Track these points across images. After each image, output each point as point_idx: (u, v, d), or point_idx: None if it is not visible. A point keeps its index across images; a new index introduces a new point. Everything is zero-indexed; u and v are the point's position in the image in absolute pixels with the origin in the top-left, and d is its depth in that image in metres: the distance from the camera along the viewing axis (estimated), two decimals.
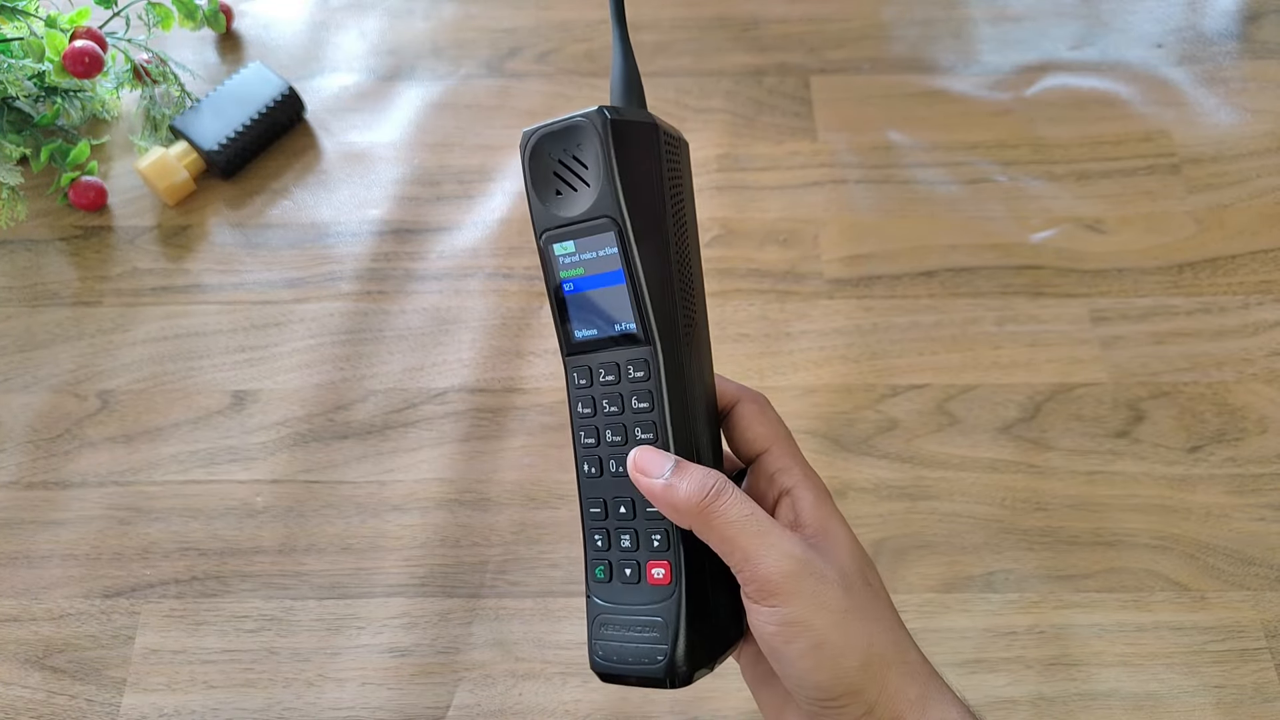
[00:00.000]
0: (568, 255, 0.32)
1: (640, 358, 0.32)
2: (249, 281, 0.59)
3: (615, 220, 0.31)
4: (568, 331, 0.33)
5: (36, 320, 0.57)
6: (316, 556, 0.50)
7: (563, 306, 0.33)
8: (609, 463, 0.33)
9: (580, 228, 0.32)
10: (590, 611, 0.33)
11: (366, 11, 0.69)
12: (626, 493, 0.32)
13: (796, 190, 0.61)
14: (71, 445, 0.53)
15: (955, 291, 0.57)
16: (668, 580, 0.32)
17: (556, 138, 0.32)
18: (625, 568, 0.33)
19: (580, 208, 0.32)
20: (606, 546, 0.33)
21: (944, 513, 0.51)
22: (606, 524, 0.33)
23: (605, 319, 0.32)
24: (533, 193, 0.33)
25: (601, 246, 0.31)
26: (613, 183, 0.31)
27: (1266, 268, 0.58)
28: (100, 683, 0.47)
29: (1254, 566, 0.49)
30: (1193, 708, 0.46)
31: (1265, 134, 0.63)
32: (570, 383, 0.33)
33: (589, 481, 0.33)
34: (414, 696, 0.47)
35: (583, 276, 0.32)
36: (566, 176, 0.32)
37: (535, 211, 0.33)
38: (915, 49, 0.67)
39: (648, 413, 0.32)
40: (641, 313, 0.32)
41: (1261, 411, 0.53)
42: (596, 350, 0.33)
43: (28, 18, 0.58)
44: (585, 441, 0.33)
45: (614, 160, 0.31)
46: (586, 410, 0.33)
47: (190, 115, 0.61)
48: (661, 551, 0.32)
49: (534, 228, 0.33)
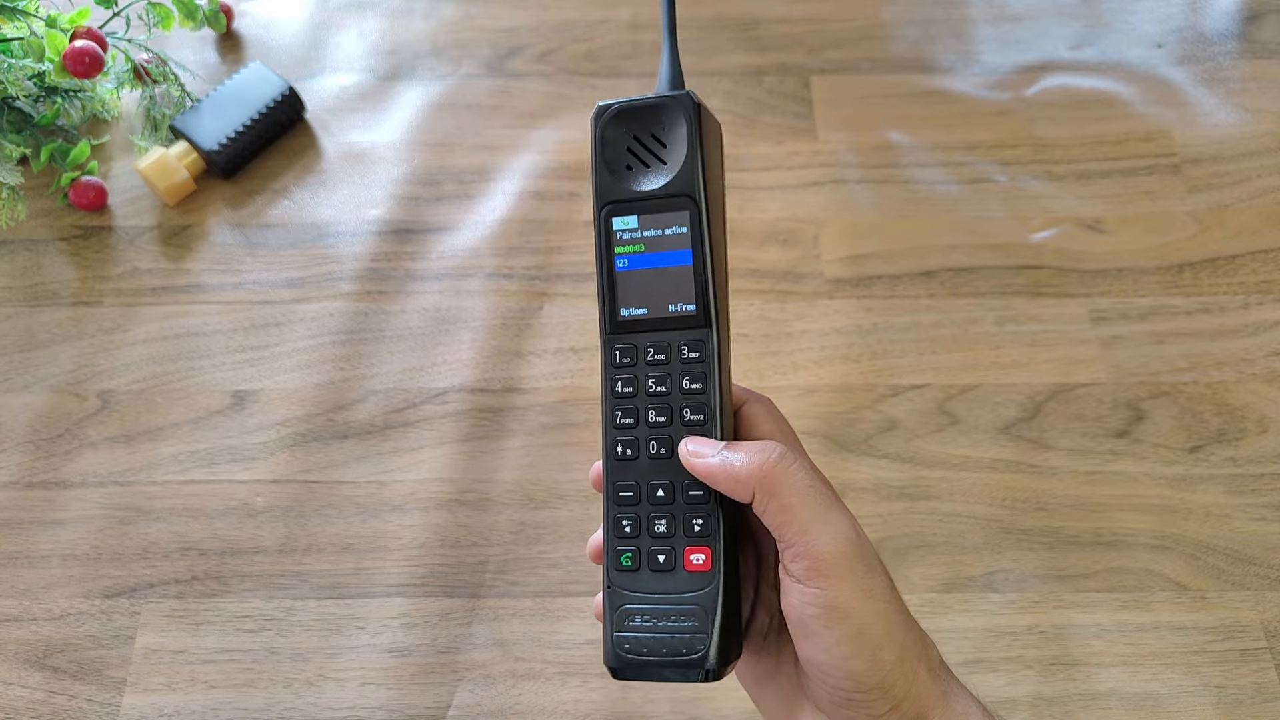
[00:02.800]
0: (628, 231, 0.32)
1: (698, 339, 0.32)
2: (249, 281, 0.59)
3: (694, 199, 0.31)
4: (614, 308, 0.33)
5: (36, 320, 0.57)
6: (316, 556, 0.50)
7: (613, 282, 0.33)
8: (648, 444, 0.32)
9: (651, 204, 0.32)
10: (611, 603, 0.32)
11: (366, 11, 0.70)
12: (666, 476, 0.32)
13: (796, 190, 0.61)
14: (71, 445, 0.53)
15: (955, 291, 0.57)
16: (708, 566, 0.31)
17: (637, 114, 0.32)
18: (659, 554, 0.32)
19: (654, 184, 0.32)
20: (636, 532, 0.32)
21: (944, 513, 0.51)
22: (638, 509, 0.32)
23: (660, 298, 0.32)
24: (601, 164, 0.32)
25: (671, 225, 0.32)
26: (695, 163, 0.31)
27: (1266, 268, 0.58)
28: (100, 683, 0.47)
29: (1254, 566, 0.49)
30: (1193, 708, 0.46)
31: (1265, 134, 0.63)
32: (608, 360, 0.33)
33: (621, 464, 0.33)
34: (414, 696, 0.47)
35: (641, 254, 0.32)
36: (641, 153, 0.32)
37: (600, 183, 0.32)
38: (915, 49, 0.67)
39: (698, 394, 0.32)
40: (705, 294, 0.32)
41: (1261, 411, 0.53)
42: (644, 330, 0.32)
43: (28, 18, 0.58)
44: (623, 422, 0.33)
45: (700, 142, 0.31)
46: (627, 390, 0.33)
47: (190, 115, 0.61)
48: (703, 537, 0.31)
49: (595, 198, 0.33)
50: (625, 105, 0.32)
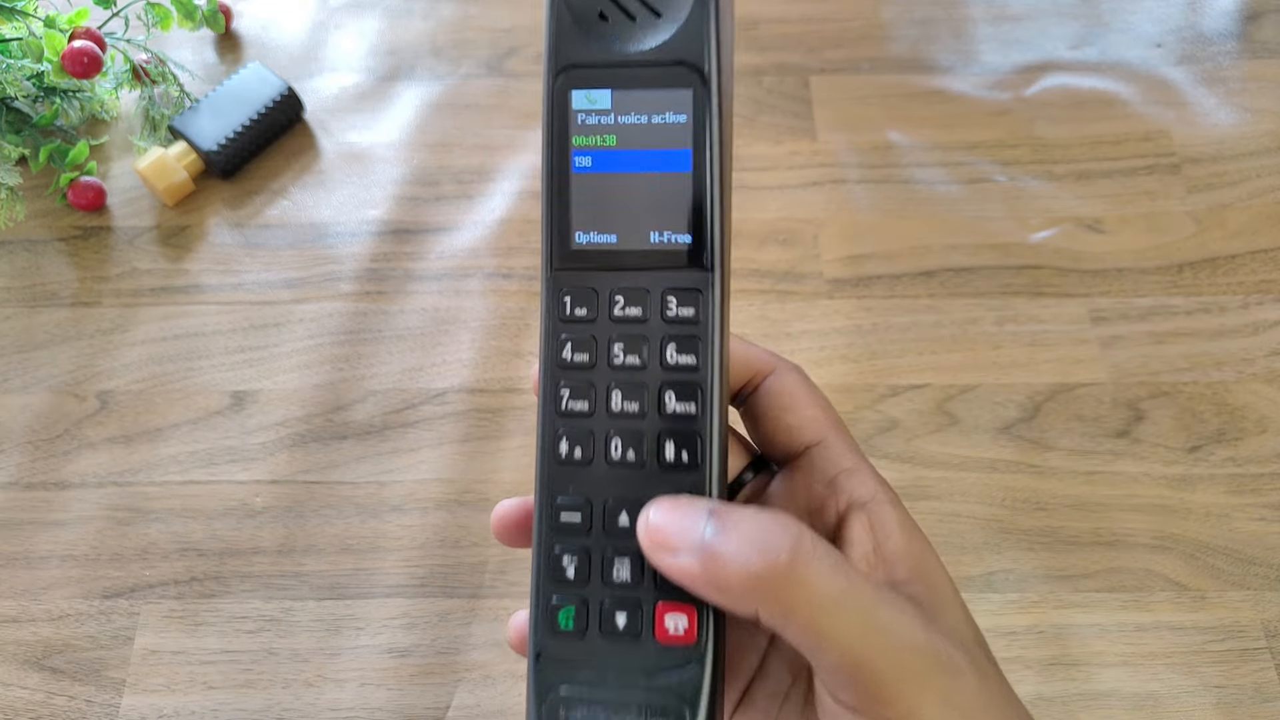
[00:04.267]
0: (595, 113, 0.22)
1: (690, 287, 0.22)
2: (248, 282, 0.59)
3: (701, 73, 0.21)
4: (565, 231, 0.22)
5: (35, 321, 0.57)
6: (316, 557, 0.50)
7: (565, 190, 0.22)
8: (610, 443, 0.22)
9: (634, 74, 0.21)
10: (539, 683, 0.22)
11: (366, 11, 0.69)
12: (634, 491, 0.22)
13: (796, 190, 0.61)
14: (70, 446, 0.53)
15: (955, 291, 0.57)
16: (691, 637, 0.21)
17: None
18: (618, 613, 0.22)
19: (641, 44, 0.21)
20: (583, 577, 0.22)
21: (944, 513, 0.51)
22: (588, 540, 0.22)
23: (638, 221, 0.22)
24: (559, 6, 0.22)
25: (663, 109, 0.21)
26: (708, 18, 0.21)
27: (1266, 267, 0.58)
28: (99, 683, 0.47)
29: (1254, 566, 0.49)
30: (1193, 708, 0.46)
31: (1265, 134, 0.62)
32: (553, 310, 0.23)
33: (565, 470, 0.22)
34: (414, 697, 0.47)
35: (612, 150, 0.22)
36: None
37: (557, 36, 0.22)
38: (915, 49, 0.67)
39: (691, 372, 0.22)
40: (707, 220, 0.22)
41: (1261, 411, 0.53)
42: (610, 268, 0.22)
43: (26, 18, 0.58)
44: (570, 406, 0.22)
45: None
46: (580, 357, 0.22)
47: (189, 115, 0.61)
48: (683, 591, 0.21)
49: (547, 60, 0.22)
50: None
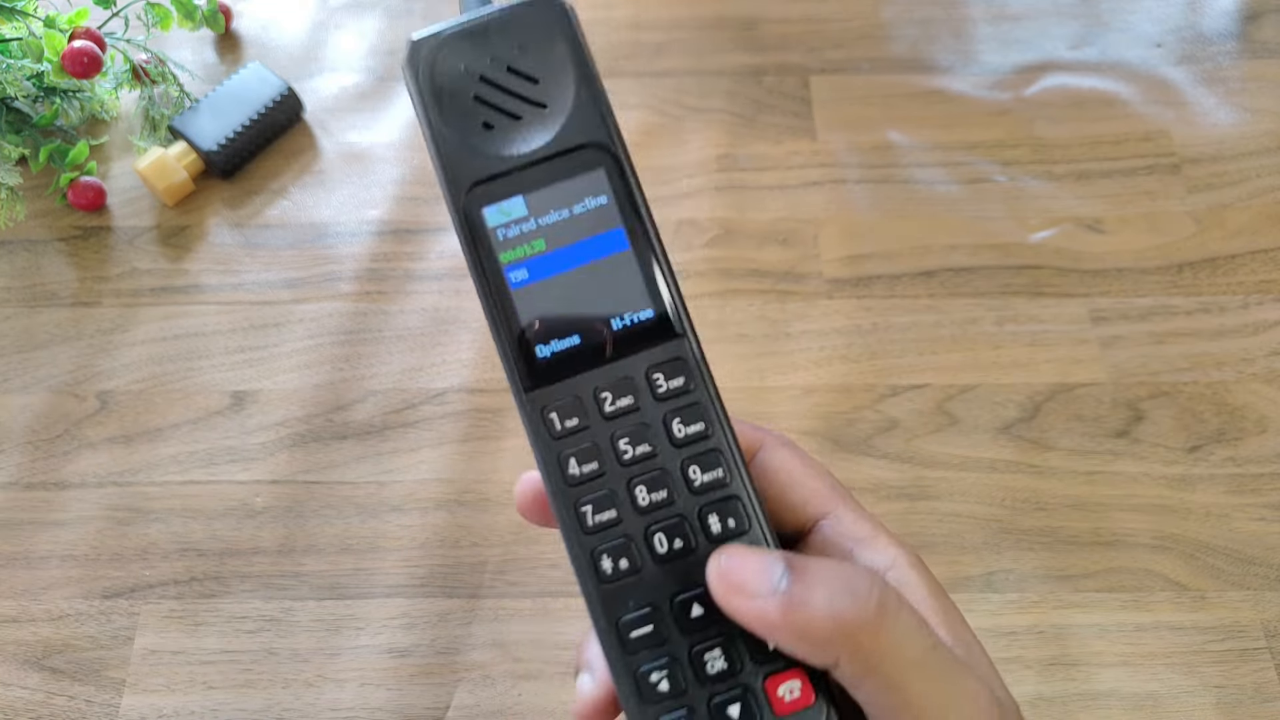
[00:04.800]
0: (515, 223, 0.22)
1: (671, 358, 0.22)
2: (248, 282, 0.59)
3: (607, 148, 0.21)
4: (525, 351, 0.22)
5: (35, 321, 0.57)
6: (316, 557, 0.50)
7: (508, 310, 0.22)
8: (651, 540, 0.21)
9: (541, 172, 0.21)
10: None
11: (366, 11, 0.69)
12: (698, 576, 0.21)
13: (796, 190, 0.61)
14: (70, 446, 0.53)
15: (955, 291, 0.57)
16: (809, 699, 0.20)
17: (480, 41, 0.21)
18: (730, 705, 0.21)
19: (536, 141, 0.21)
20: (679, 687, 0.21)
21: (944, 513, 0.51)
22: (669, 647, 0.21)
23: (594, 314, 0.22)
24: (439, 129, 0.21)
25: (582, 196, 0.21)
26: (595, 92, 0.21)
27: (1266, 267, 0.58)
28: (99, 683, 0.47)
29: (1254, 566, 0.49)
30: (1193, 708, 0.46)
31: (1265, 134, 0.62)
32: (541, 433, 0.22)
33: (616, 589, 0.22)
34: (414, 697, 0.47)
35: (544, 254, 0.22)
36: (499, 100, 0.21)
37: (447, 157, 0.21)
38: (915, 49, 0.67)
39: (703, 439, 0.22)
40: (663, 287, 0.22)
41: (1261, 411, 0.53)
42: (583, 369, 0.22)
43: (26, 18, 0.58)
44: (597, 520, 0.22)
45: (586, 60, 0.21)
46: (588, 468, 0.22)
47: (189, 115, 0.61)
48: (785, 658, 0.21)
49: (446, 185, 0.22)
50: (453, 31, 0.21)
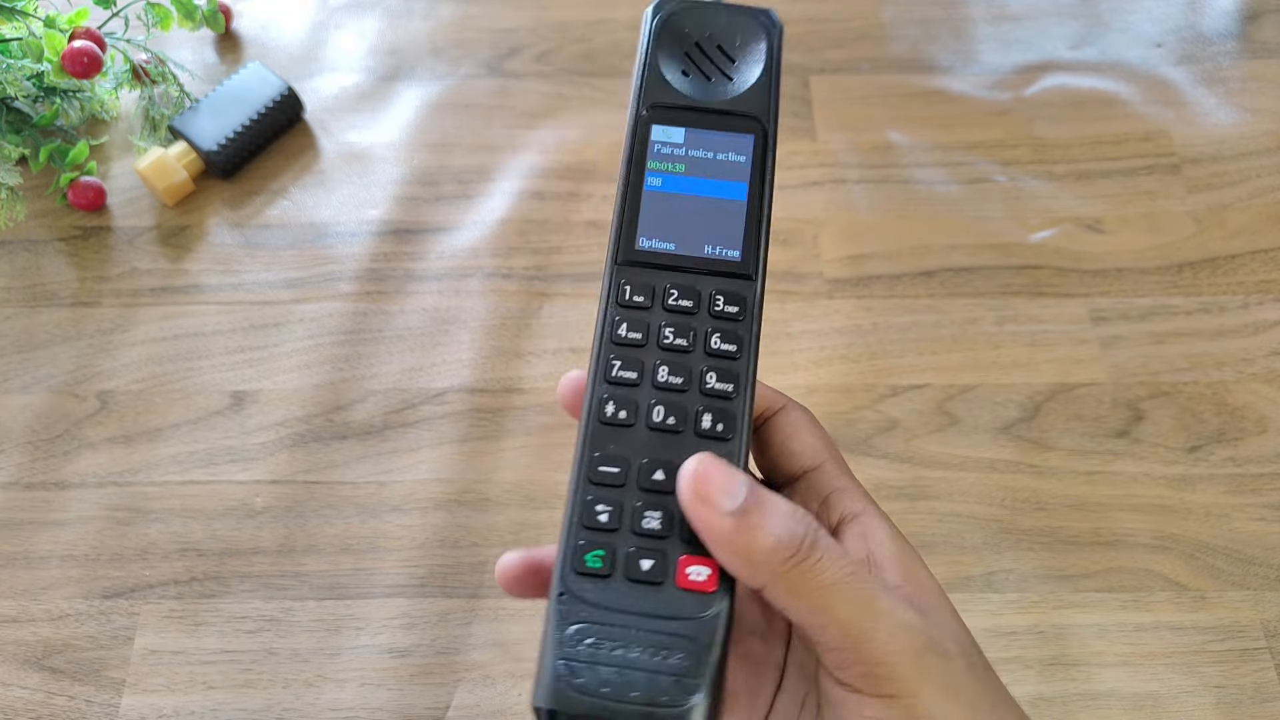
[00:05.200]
0: (670, 145, 0.27)
1: (738, 292, 0.26)
2: (248, 282, 0.59)
3: (763, 124, 0.27)
4: (632, 234, 0.27)
5: (35, 321, 0.57)
6: (316, 557, 0.50)
7: (636, 202, 0.27)
8: (652, 410, 0.25)
9: (706, 118, 0.27)
10: (561, 616, 0.23)
11: (366, 11, 0.69)
12: (670, 453, 0.25)
13: (796, 190, 0.61)
14: (70, 446, 0.53)
15: (955, 291, 0.57)
16: (711, 585, 0.24)
17: (707, 19, 0.28)
18: (643, 559, 0.24)
19: (715, 97, 0.27)
20: (614, 524, 0.24)
21: (943, 513, 0.51)
22: (623, 493, 0.24)
23: (695, 235, 0.27)
24: (652, 59, 0.28)
25: (729, 149, 0.27)
26: (772, 87, 0.27)
27: (1266, 267, 0.58)
28: (99, 683, 0.47)
29: (1254, 566, 0.49)
30: (1193, 708, 0.46)
31: (1265, 134, 0.63)
32: (614, 296, 0.26)
33: (608, 430, 0.25)
34: (414, 697, 0.47)
35: (681, 176, 0.27)
36: (701, 62, 0.28)
37: (645, 81, 0.28)
38: (915, 49, 0.67)
39: (731, 359, 0.26)
40: (757, 241, 0.27)
41: (1261, 411, 0.53)
42: (667, 267, 0.27)
43: (26, 18, 0.58)
44: (621, 375, 0.25)
45: (777, 64, 0.27)
46: (634, 335, 0.26)
47: (189, 115, 0.61)
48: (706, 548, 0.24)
49: (635, 98, 0.28)
50: (696, 4, 0.28)
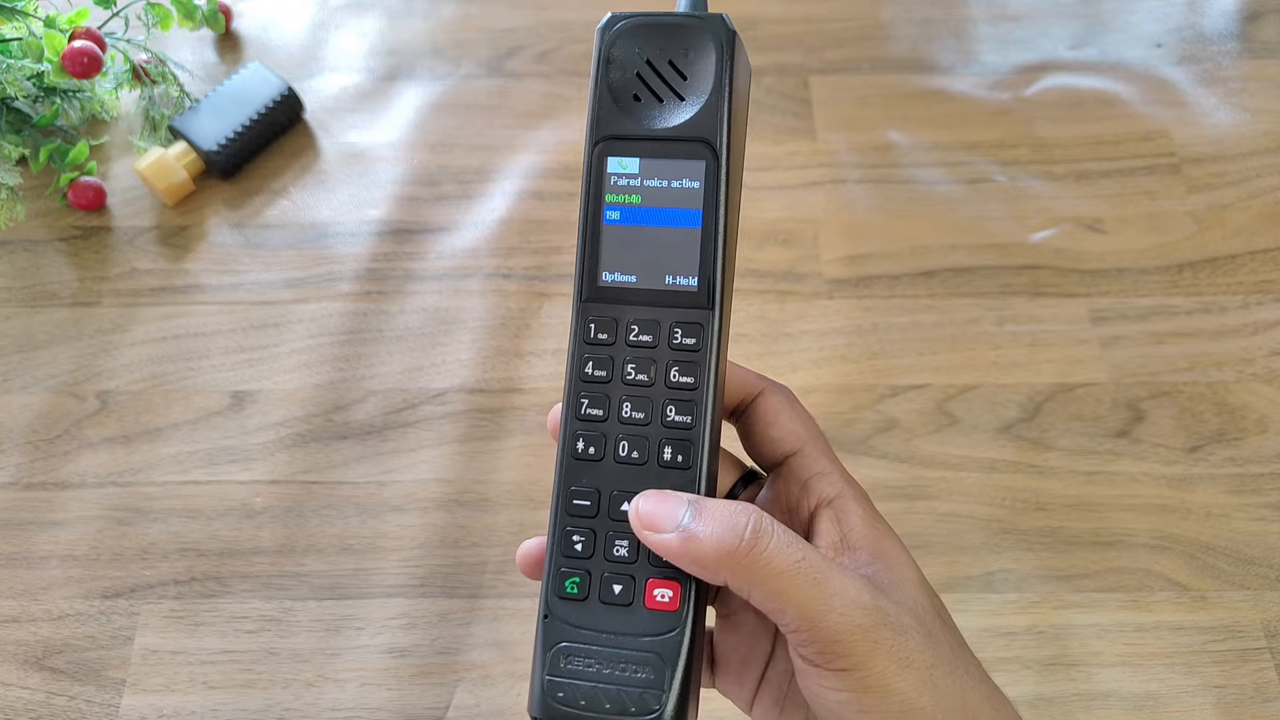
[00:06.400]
0: (625, 176, 0.27)
1: (694, 321, 0.27)
2: (248, 282, 0.59)
3: (713, 148, 0.26)
4: (594, 270, 0.27)
5: (35, 320, 0.57)
6: (316, 557, 0.50)
7: (596, 238, 0.27)
8: (618, 444, 0.27)
9: (659, 146, 0.27)
10: (547, 637, 0.26)
11: (366, 11, 0.69)
12: (636, 485, 0.27)
13: (796, 190, 0.61)
14: (70, 446, 0.53)
15: (955, 291, 0.57)
16: (674, 606, 0.26)
17: (656, 33, 0.27)
18: (615, 584, 0.26)
19: (666, 122, 0.27)
20: (588, 552, 0.27)
21: (943, 512, 0.51)
22: (595, 523, 0.27)
23: (655, 266, 0.27)
24: (602, 87, 0.27)
25: (681, 176, 0.27)
26: (722, 103, 0.26)
27: (1266, 267, 0.58)
28: (99, 683, 0.47)
29: (1254, 566, 0.49)
30: (1193, 708, 0.46)
31: (1265, 134, 0.62)
32: (580, 334, 0.27)
33: (580, 465, 0.27)
34: (414, 697, 0.47)
35: (637, 207, 0.27)
36: (654, 83, 0.27)
37: (599, 111, 0.27)
38: (914, 49, 0.67)
39: (689, 390, 0.27)
40: (712, 268, 0.27)
41: (1261, 411, 0.53)
42: (629, 302, 0.27)
43: (26, 18, 0.58)
44: (589, 412, 0.27)
45: (730, 80, 0.26)
46: (599, 373, 0.27)
47: (189, 115, 0.61)
48: (671, 569, 0.26)
49: (589, 129, 0.27)
50: (643, 20, 0.27)
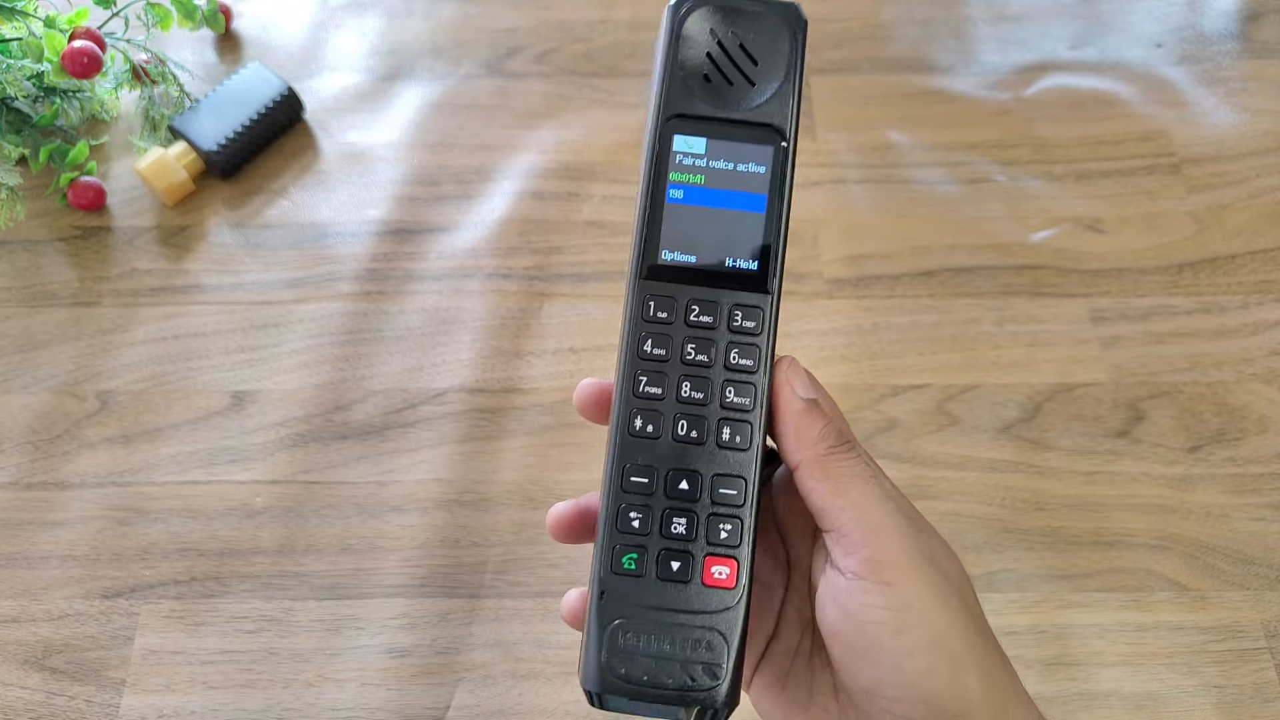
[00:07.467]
0: (691, 155, 0.27)
1: (753, 305, 0.27)
2: (248, 282, 0.59)
3: (783, 135, 0.27)
4: (654, 247, 0.27)
5: (35, 320, 0.57)
6: (316, 557, 0.50)
7: (657, 214, 0.27)
8: (676, 423, 0.27)
9: (728, 128, 0.27)
10: (602, 614, 0.27)
11: (366, 11, 0.69)
12: (694, 465, 0.27)
13: (797, 190, 0.61)
14: (70, 446, 0.53)
15: (955, 291, 0.57)
16: (732, 583, 0.26)
17: (729, 16, 0.27)
18: (673, 560, 0.26)
19: (736, 104, 0.27)
20: (646, 529, 0.27)
21: (944, 512, 0.51)
22: (652, 500, 0.27)
23: (717, 246, 0.27)
24: (672, 64, 0.27)
25: (748, 159, 0.27)
26: (793, 91, 0.27)
27: (1266, 267, 0.58)
28: (99, 683, 0.47)
29: (1254, 566, 0.49)
30: (1193, 708, 0.46)
31: (1265, 134, 0.62)
32: (638, 311, 0.27)
33: (637, 443, 0.27)
34: (414, 697, 0.47)
35: (701, 187, 0.27)
36: (724, 64, 0.27)
37: (668, 88, 0.27)
38: (915, 49, 0.67)
39: (749, 373, 0.27)
40: (773, 253, 0.27)
41: (1261, 411, 0.53)
42: (688, 281, 0.27)
43: (26, 18, 0.58)
44: (647, 390, 0.27)
45: (801, 67, 0.26)
46: (658, 351, 0.27)
47: (189, 115, 0.61)
48: (730, 546, 0.26)
49: (656, 106, 0.27)
50: (717, 2, 0.27)
